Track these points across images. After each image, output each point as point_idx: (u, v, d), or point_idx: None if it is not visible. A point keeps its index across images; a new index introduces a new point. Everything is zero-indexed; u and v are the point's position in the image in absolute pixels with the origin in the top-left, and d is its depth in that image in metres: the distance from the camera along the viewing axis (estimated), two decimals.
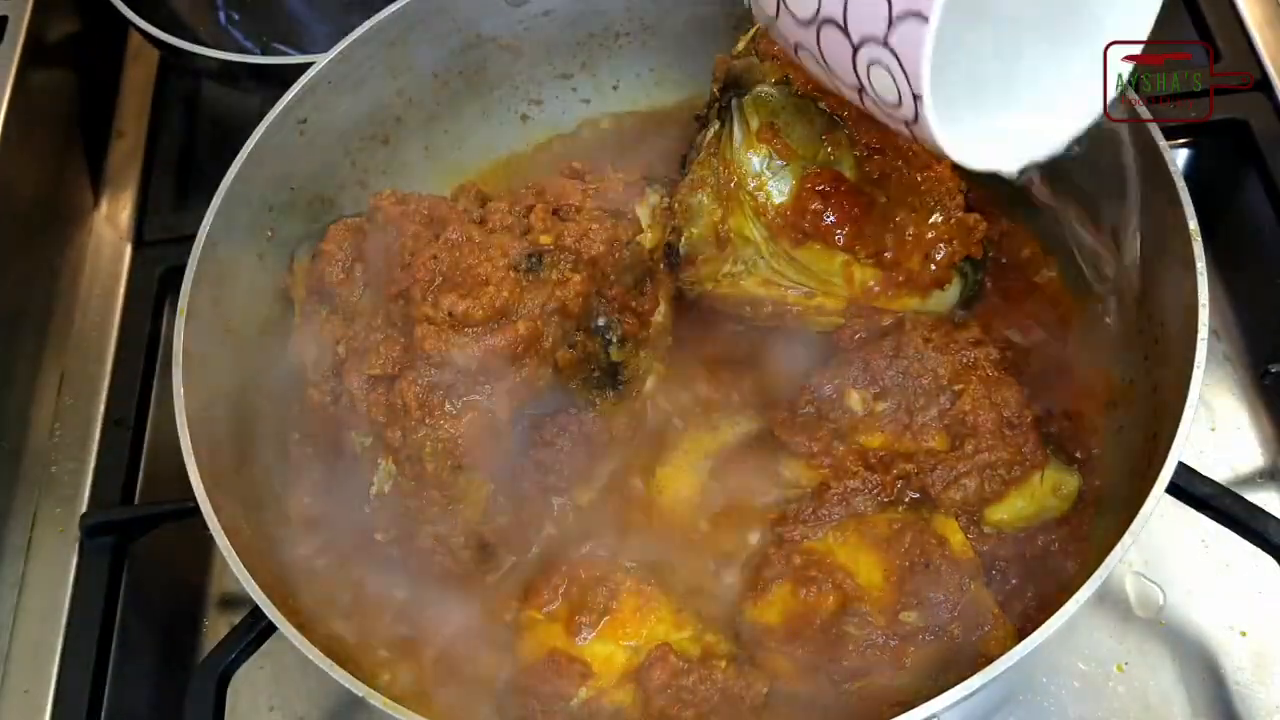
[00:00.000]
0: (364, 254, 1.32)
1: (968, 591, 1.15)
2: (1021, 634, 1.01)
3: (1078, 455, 1.28)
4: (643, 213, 1.33)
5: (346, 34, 1.42)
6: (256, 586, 1.09)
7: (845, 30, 0.91)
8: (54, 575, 1.45)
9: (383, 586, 1.30)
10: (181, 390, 1.21)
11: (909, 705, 0.98)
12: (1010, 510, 1.24)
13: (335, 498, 1.36)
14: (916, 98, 0.87)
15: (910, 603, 1.15)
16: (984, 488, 1.23)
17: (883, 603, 1.16)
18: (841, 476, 1.24)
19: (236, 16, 1.85)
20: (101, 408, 1.57)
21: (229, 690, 1.16)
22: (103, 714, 1.30)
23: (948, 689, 0.97)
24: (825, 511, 1.23)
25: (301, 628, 1.08)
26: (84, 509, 1.48)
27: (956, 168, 1.16)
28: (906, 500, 1.23)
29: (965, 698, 0.97)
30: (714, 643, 1.19)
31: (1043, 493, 1.24)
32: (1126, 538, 1.03)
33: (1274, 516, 1.14)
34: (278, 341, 1.40)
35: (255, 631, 1.15)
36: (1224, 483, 1.17)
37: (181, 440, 1.18)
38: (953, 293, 1.36)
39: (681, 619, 1.21)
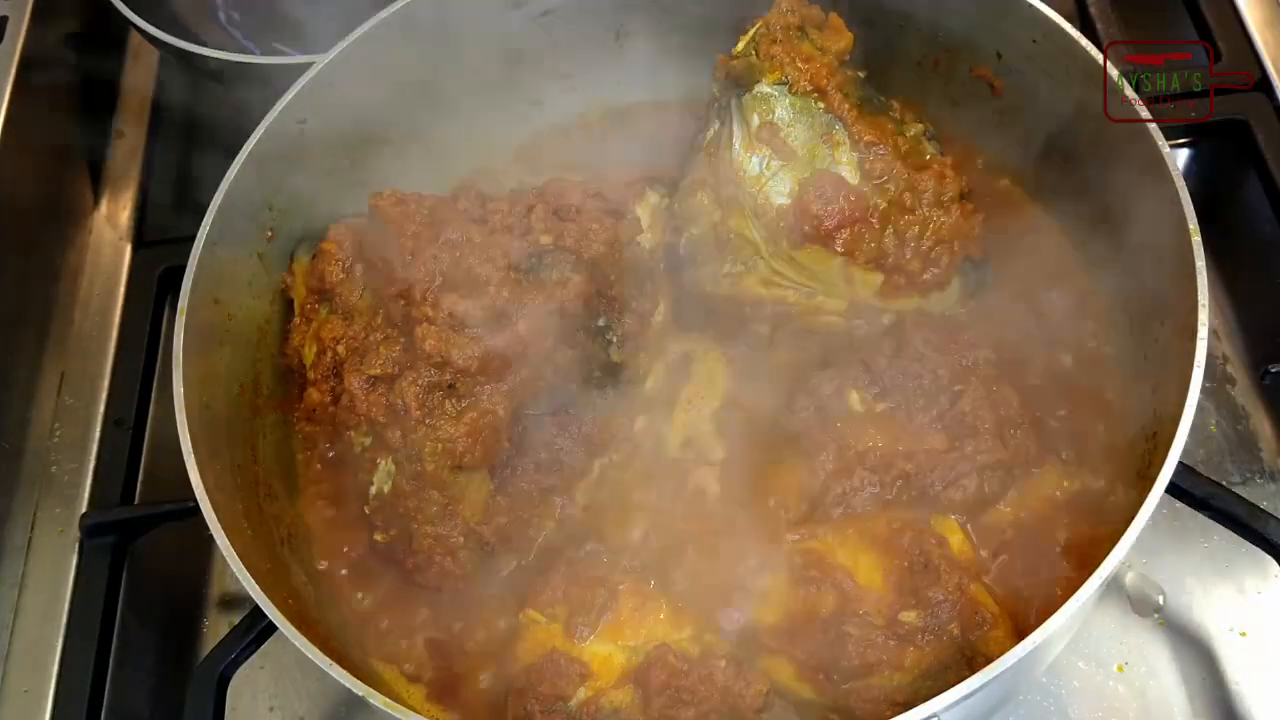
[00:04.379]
0: (364, 254, 1.32)
1: (967, 591, 1.15)
2: (1021, 634, 1.01)
3: (1077, 455, 1.28)
4: (643, 213, 1.33)
5: (346, 34, 1.42)
6: (256, 586, 1.09)
7: None
8: (54, 575, 1.45)
9: (383, 587, 1.31)
10: (181, 390, 1.21)
11: (909, 705, 0.98)
12: (1010, 510, 1.24)
13: (335, 498, 1.37)
14: None
15: (910, 603, 1.15)
16: (984, 488, 1.23)
17: (883, 603, 1.16)
18: (841, 476, 1.24)
19: (236, 16, 1.85)
20: (101, 408, 1.57)
21: (229, 690, 1.16)
22: (103, 714, 1.30)
23: (948, 689, 0.97)
24: (825, 511, 1.23)
25: (301, 628, 1.08)
26: (84, 509, 1.48)
27: None
28: (906, 500, 1.23)
29: (965, 698, 0.97)
30: (714, 643, 1.19)
31: (1042, 492, 1.25)
32: (1126, 538, 1.03)
33: (1274, 516, 1.14)
34: (278, 341, 1.40)
35: (255, 631, 1.15)
36: (1224, 483, 1.17)
37: (181, 440, 1.18)
38: (953, 293, 1.36)
39: (681, 619, 1.21)
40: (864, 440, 1.26)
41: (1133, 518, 1.04)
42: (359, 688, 1.03)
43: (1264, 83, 1.57)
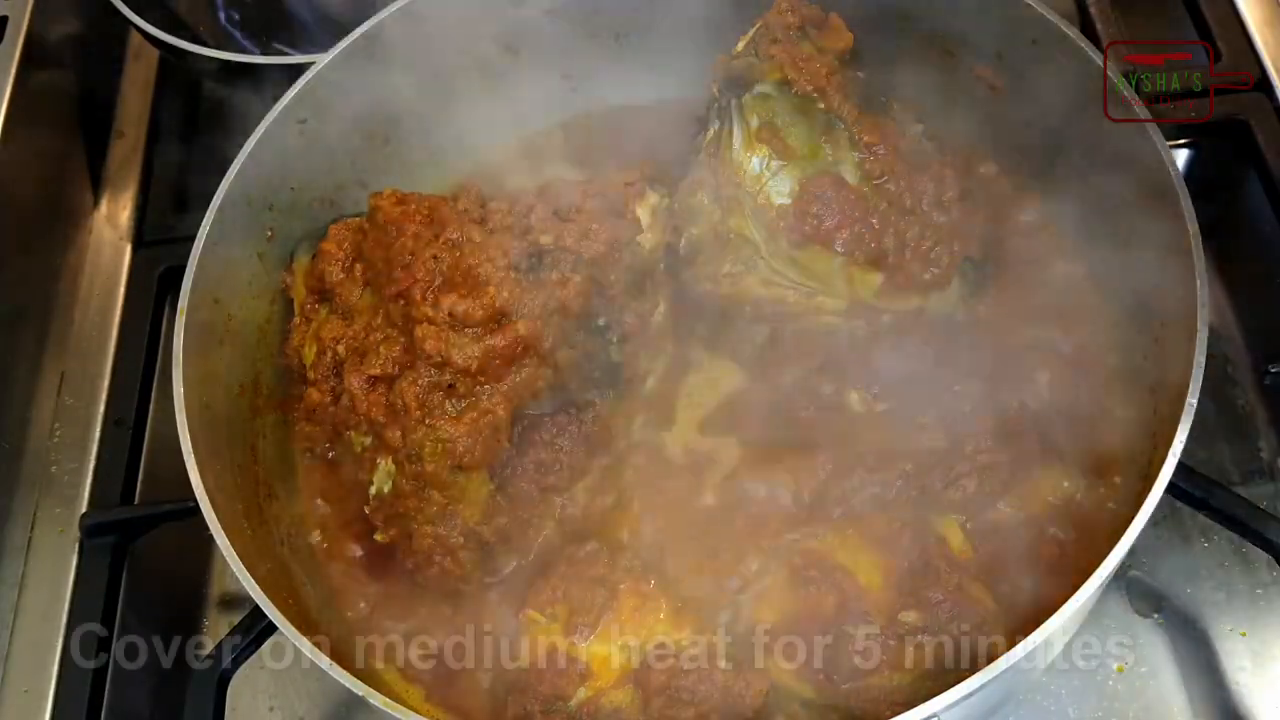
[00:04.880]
0: (364, 254, 1.32)
1: (967, 591, 1.15)
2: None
3: (1077, 455, 1.28)
4: (643, 213, 1.33)
5: (347, 34, 1.42)
6: (256, 586, 1.09)
7: None
8: (54, 575, 1.45)
9: (383, 587, 1.31)
10: (181, 390, 1.21)
11: (909, 705, 0.98)
12: (1009, 510, 1.24)
13: (335, 498, 1.37)
14: None
15: (910, 603, 1.15)
16: (984, 488, 1.23)
17: (882, 603, 1.16)
18: (841, 476, 1.24)
19: (236, 16, 1.85)
20: (101, 408, 1.57)
21: (229, 690, 1.16)
22: (103, 714, 1.30)
23: (948, 689, 0.97)
24: (825, 511, 1.23)
25: (301, 628, 1.08)
26: (84, 509, 1.48)
27: None
28: (906, 500, 1.23)
29: (965, 698, 0.97)
30: (714, 643, 1.19)
31: (1042, 493, 1.25)
32: (1126, 538, 1.03)
33: (1274, 516, 1.14)
34: (278, 341, 1.40)
35: (255, 631, 1.15)
36: (1224, 483, 1.17)
37: (181, 440, 1.18)
38: (953, 293, 1.36)
39: (681, 619, 1.20)
40: (864, 440, 1.26)
41: (1133, 518, 1.04)
42: (359, 688, 1.03)
43: (1264, 83, 1.57)
